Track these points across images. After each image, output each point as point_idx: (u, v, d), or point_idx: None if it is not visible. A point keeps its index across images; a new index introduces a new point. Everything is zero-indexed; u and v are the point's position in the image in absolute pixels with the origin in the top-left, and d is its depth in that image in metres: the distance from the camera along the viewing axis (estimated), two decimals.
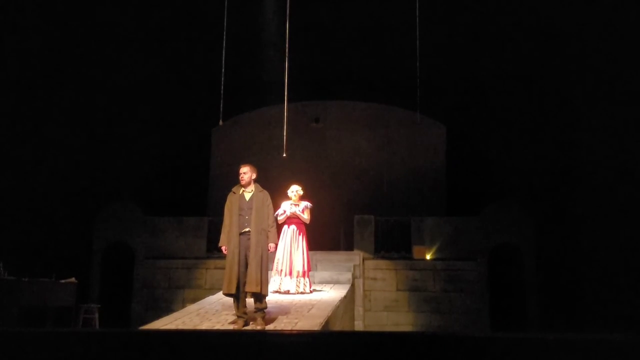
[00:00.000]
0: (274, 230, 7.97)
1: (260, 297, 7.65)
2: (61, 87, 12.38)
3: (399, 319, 13.44)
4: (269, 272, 9.24)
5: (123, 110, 13.40)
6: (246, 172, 7.86)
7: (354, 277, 12.64)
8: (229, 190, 8.05)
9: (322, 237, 12.62)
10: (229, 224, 7.76)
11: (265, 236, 7.73)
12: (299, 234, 10.32)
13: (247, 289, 7.55)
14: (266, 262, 7.84)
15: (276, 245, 8.32)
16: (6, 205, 11.60)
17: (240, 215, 7.73)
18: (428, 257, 13.89)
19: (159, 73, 13.39)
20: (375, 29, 13.29)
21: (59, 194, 12.66)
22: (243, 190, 7.88)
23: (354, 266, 13.06)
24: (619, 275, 11.43)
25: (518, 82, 13.12)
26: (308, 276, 10.39)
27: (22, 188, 11.97)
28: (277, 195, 9.54)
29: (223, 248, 7.82)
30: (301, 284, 10.16)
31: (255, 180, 7.95)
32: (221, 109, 12.23)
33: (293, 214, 10.23)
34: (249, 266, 7.56)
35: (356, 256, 13.48)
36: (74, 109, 12.72)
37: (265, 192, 7.95)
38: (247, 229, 7.69)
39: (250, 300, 7.80)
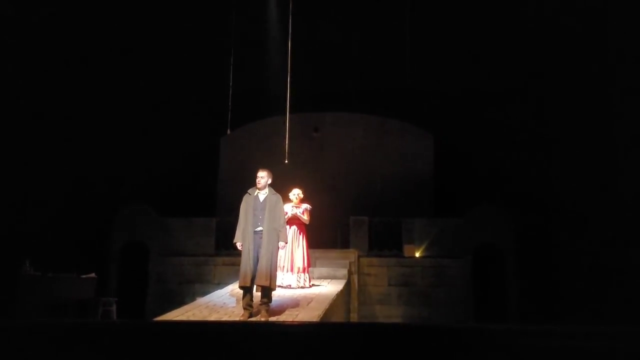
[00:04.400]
0: (284, 230, 7.91)
1: (268, 291, 7.60)
2: (83, 98, 12.40)
3: (390, 312, 13.41)
4: None
5: (140, 120, 13.42)
6: (263, 177, 7.80)
7: (349, 273, 12.62)
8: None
9: (320, 236, 12.59)
10: (244, 223, 7.69)
11: (276, 235, 7.66)
12: (300, 234, 10.32)
13: (257, 282, 7.50)
14: (276, 259, 7.78)
15: (286, 243, 8.23)
16: (33, 208, 11.62)
17: (254, 215, 7.66)
18: (417, 255, 13.87)
19: (173, 87, 13.42)
20: (369, 47, 13.34)
21: (81, 198, 12.68)
22: (258, 192, 7.80)
23: (350, 263, 13.04)
24: (594, 272, 11.46)
25: (501, 93, 13.14)
26: (308, 272, 10.39)
27: (48, 193, 11.98)
28: None
29: (238, 244, 7.73)
30: (301, 279, 10.15)
31: (270, 185, 7.90)
32: (229, 119, 12.29)
33: (294, 215, 10.21)
34: (259, 262, 7.49)
35: (351, 254, 13.45)
36: (97, 121, 12.76)
37: (278, 195, 7.89)
38: (259, 228, 7.62)
39: (257, 294, 7.78)
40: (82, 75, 12.31)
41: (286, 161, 10.77)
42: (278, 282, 9.87)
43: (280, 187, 8.38)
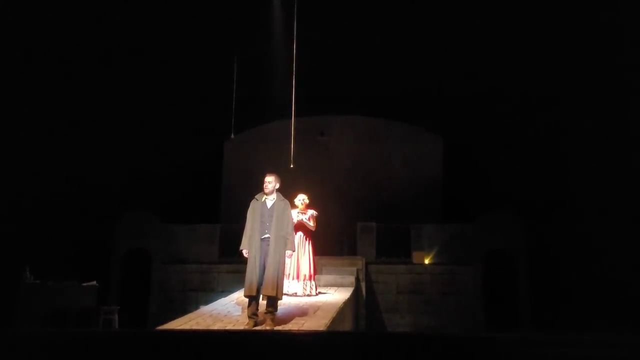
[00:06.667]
0: (292, 237, 7.78)
1: (274, 300, 7.54)
2: (86, 102, 12.46)
3: (399, 320, 13.39)
4: None
5: (142, 124, 13.47)
6: (271, 182, 7.69)
7: (356, 281, 12.61)
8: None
9: (327, 243, 12.58)
10: (251, 229, 7.58)
11: (283, 243, 7.56)
12: (306, 240, 10.29)
13: (264, 292, 7.40)
14: (283, 267, 7.68)
15: (294, 251, 8.13)
16: (33, 215, 11.67)
17: (261, 221, 7.57)
18: (426, 261, 13.85)
19: (176, 90, 13.47)
20: (376, 49, 13.35)
21: (81, 204, 12.72)
22: (265, 198, 7.70)
23: (357, 270, 13.03)
24: (605, 279, 11.43)
25: (511, 96, 13.13)
26: (314, 279, 10.37)
27: (48, 199, 12.03)
28: None
29: (244, 252, 7.63)
30: (308, 287, 10.13)
31: (278, 190, 7.80)
32: (233, 123, 12.31)
33: (300, 221, 10.19)
34: (266, 271, 7.40)
35: (359, 261, 13.45)
36: (99, 127, 12.83)
37: (286, 201, 7.78)
38: (267, 235, 7.53)
39: (262, 302, 7.74)
40: (84, 79, 12.37)
41: (292, 166, 10.76)
42: (284, 290, 9.89)
43: (286, 192, 8.37)
